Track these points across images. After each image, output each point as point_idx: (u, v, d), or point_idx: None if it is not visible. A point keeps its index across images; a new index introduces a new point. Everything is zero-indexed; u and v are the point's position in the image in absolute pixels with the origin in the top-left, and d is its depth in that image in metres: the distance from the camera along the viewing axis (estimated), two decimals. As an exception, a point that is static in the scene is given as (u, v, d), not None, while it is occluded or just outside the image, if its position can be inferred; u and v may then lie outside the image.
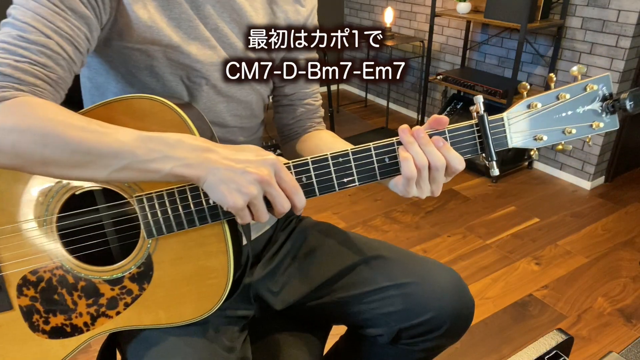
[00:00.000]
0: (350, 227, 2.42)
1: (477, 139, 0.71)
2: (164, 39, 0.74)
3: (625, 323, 1.85)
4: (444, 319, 0.86)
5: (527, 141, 0.72)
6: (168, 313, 0.76)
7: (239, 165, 0.64)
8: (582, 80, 0.72)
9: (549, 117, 0.71)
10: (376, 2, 3.88)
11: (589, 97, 0.72)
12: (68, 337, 0.76)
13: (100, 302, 0.75)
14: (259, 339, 0.96)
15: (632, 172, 3.00)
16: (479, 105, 0.71)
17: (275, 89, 0.95)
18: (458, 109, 3.18)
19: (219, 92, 0.82)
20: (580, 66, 0.72)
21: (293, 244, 0.98)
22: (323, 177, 0.71)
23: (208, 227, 0.73)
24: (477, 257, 2.23)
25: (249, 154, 0.65)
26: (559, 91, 0.71)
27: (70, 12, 0.65)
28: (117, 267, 0.74)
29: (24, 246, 0.73)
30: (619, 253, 2.25)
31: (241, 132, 0.89)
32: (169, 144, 0.63)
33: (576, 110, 0.72)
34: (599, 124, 0.72)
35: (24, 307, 0.75)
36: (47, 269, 0.74)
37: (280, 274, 0.95)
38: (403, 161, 0.69)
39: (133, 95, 0.70)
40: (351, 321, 0.96)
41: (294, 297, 0.93)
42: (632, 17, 2.40)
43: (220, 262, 0.74)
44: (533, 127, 0.72)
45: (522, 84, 0.74)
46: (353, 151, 0.70)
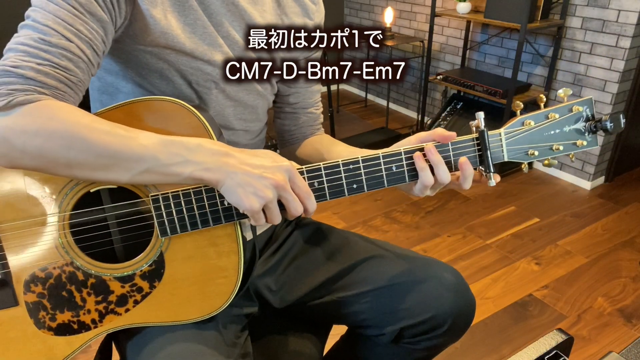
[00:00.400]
0: (350, 227, 2.42)
1: (476, 152, 0.77)
2: (177, 44, 0.75)
3: (625, 323, 1.85)
4: (445, 318, 0.86)
5: (520, 155, 0.79)
6: (176, 311, 0.77)
7: (256, 171, 0.66)
8: (568, 102, 0.78)
9: (540, 134, 0.78)
10: (376, 2, 3.88)
11: (574, 117, 0.78)
12: (74, 334, 0.77)
13: (110, 299, 0.76)
14: (259, 338, 0.96)
15: (632, 172, 3.00)
16: (480, 121, 0.76)
17: (279, 96, 0.96)
18: (458, 109, 3.18)
19: (227, 97, 0.84)
20: (565, 89, 0.78)
21: (293, 243, 0.98)
22: (334, 183, 0.74)
23: (220, 227, 0.74)
24: (477, 257, 2.23)
25: (266, 159, 0.68)
26: (549, 111, 0.78)
27: (89, 16, 0.66)
28: (129, 265, 0.75)
29: (35, 243, 0.73)
30: (619, 253, 2.25)
31: (245, 134, 0.90)
32: (189, 149, 0.65)
33: (563, 129, 0.79)
34: (582, 142, 0.79)
35: (30, 303, 0.75)
36: (56, 266, 0.74)
37: (280, 273, 0.95)
38: (421, 171, 0.74)
39: (153, 97, 0.71)
40: (352, 320, 0.96)
41: (293, 296, 0.93)
42: (632, 17, 2.40)
43: (232, 262, 0.76)
44: (526, 143, 0.78)
45: (540, 96, 0.79)
46: (363, 159, 0.74)
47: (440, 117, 3.20)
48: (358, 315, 0.92)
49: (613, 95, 2.57)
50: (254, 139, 0.93)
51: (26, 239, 0.73)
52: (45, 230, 0.73)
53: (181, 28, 0.75)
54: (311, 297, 0.93)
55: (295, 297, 0.93)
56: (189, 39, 0.75)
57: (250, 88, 0.86)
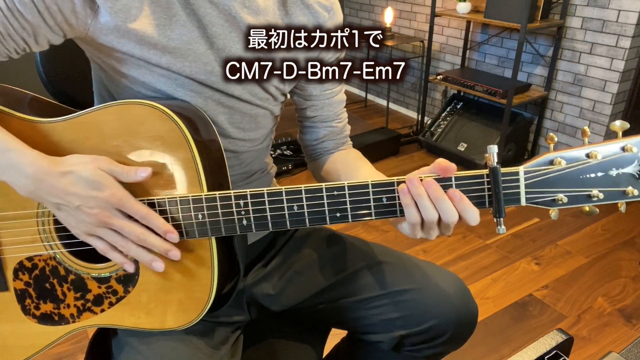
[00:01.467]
0: (350, 227, 2.42)
1: (486, 192, 0.65)
2: (162, 62, 0.72)
3: (625, 323, 1.85)
4: (447, 326, 0.84)
5: (544, 201, 0.64)
6: (150, 318, 0.76)
7: (72, 202, 0.66)
8: (620, 139, 0.62)
9: (574, 176, 0.63)
10: (376, 2, 3.88)
11: (626, 159, 0.62)
12: (55, 325, 0.79)
13: (87, 297, 0.77)
14: (256, 342, 0.95)
15: (632, 172, 3.00)
16: (493, 156, 0.63)
17: (297, 109, 0.93)
18: (458, 109, 3.18)
19: (219, 103, 0.79)
20: (623, 122, 0.62)
21: (292, 248, 0.96)
22: (315, 209, 0.68)
23: (196, 240, 0.72)
24: (477, 257, 2.23)
25: (77, 186, 0.66)
26: (590, 149, 0.62)
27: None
28: (105, 267, 0.75)
29: (23, 233, 0.76)
30: (619, 253, 2.25)
31: (244, 142, 0.85)
32: (8, 160, 0.66)
33: (608, 172, 0.62)
34: (633, 191, 0.63)
35: (18, 290, 0.78)
36: (41, 258, 0.77)
37: (278, 277, 0.93)
38: (405, 208, 0.66)
39: (131, 100, 0.69)
40: (352, 326, 0.94)
41: (292, 301, 0.92)
42: (632, 17, 2.40)
43: (206, 276, 0.73)
44: (553, 187, 0.63)
45: (549, 135, 0.65)
46: (349, 185, 0.67)
47: (440, 117, 3.20)
48: (358, 322, 0.90)
49: (613, 95, 2.57)
50: (257, 146, 0.89)
51: (16, 229, 0.75)
52: (32, 222, 0.75)
53: (165, 42, 0.71)
54: (311, 303, 0.92)
55: (294, 302, 0.92)
56: (173, 55, 0.72)
57: (245, 96, 0.81)
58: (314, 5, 0.82)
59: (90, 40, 0.71)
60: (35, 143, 0.68)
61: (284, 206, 0.68)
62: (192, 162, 0.69)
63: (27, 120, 0.71)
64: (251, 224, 0.70)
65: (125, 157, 0.69)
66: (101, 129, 0.69)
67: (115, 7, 0.67)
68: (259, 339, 0.95)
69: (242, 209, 0.69)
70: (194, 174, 0.69)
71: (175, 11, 0.71)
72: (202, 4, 0.72)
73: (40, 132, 0.71)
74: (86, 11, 0.67)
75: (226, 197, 0.69)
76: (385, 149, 3.17)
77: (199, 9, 0.72)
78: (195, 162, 0.68)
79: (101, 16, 0.67)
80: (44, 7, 0.65)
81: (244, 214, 0.69)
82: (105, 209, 0.66)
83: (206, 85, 0.76)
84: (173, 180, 0.70)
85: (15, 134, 0.68)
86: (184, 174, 0.69)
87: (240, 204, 0.69)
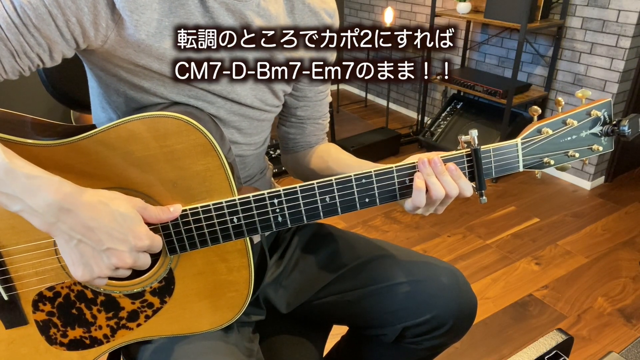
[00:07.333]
0: (350, 227, 2.42)
1: (466, 169, 0.75)
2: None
3: (625, 323, 1.85)
4: (447, 317, 0.86)
5: (536, 164, 0.77)
6: (188, 324, 0.77)
7: (100, 244, 0.61)
8: (586, 105, 0.75)
9: (556, 141, 0.76)
10: (376, 2, 3.88)
11: (592, 122, 0.76)
12: (87, 349, 0.77)
13: (121, 315, 0.76)
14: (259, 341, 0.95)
15: (632, 172, 3.00)
16: (474, 139, 0.74)
17: (287, 108, 0.94)
18: (458, 109, 3.18)
19: (230, 112, 0.81)
20: (584, 91, 0.75)
21: (296, 246, 0.98)
22: (346, 198, 0.73)
23: (230, 243, 0.73)
24: (477, 257, 2.23)
25: (115, 223, 0.61)
26: (567, 117, 0.75)
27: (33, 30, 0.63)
28: (138, 282, 0.74)
29: (43, 264, 0.71)
30: (619, 253, 2.25)
31: (249, 146, 0.88)
32: (25, 186, 0.59)
33: (580, 134, 0.76)
34: (598, 147, 0.77)
35: (40, 321, 0.74)
36: (64, 285, 0.73)
37: (285, 278, 0.95)
38: (416, 190, 0.72)
39: (158, 113, 0.67)
40: (354, 321, 0.96)
41: (298, 300, 0.93)
42: (632, 17, 2.40)
43: (242, 276, 0.75)
44: (542, 152, 0.76)
45: (557, 99, 0.77)
46: (376, 172, 0.73)
47: (440, 117, 3.20)
48: (361, 316, 0.92)
49: (613, 95, 2.57)
50: (259, 148, 0.91)
51: (31, 261, 0.71)
52: (49, 251, 0.71)
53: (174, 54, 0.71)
54: (314, 299, 0.93)
55: (300, 302, 0.93)
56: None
57: (255, 104, 0.82)
58: (321, 12, 0.85)
59: (103, 52, 0.70)
60: (53, 168, 0.63)
61: (316, 199, 0.72)
62: (222, 169, 0.69)
63: (39, 146, 0.66)
64: (287, 220, 0.72)
65: (154, 172, 0.68)
66: (127, 145, 0.67)
67: (141, 21, 0.66)
68: (261, 338, 0.96)
69: (277, 207, 0.71)
70: (223, 180, 0.70)
71: (197, 22, 0.72)
72: (221, 12, 0.73)
73: (57, 154, 0.66)
74: (107, 23, 0.66)
75: (260, 199, 0.70)
76: (385, 149, 3.17)
77: (218, 17, 0.73)
78: (225, 168, 0.70)
79: (124, 29, 0.67)
80: (62, 20, 0.63)
81: (278, 212, 0.71)
82: (132, 255, 0.63)
83: (220, 96, 0.78)
84: (204, 189, 0.70)
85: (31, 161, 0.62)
86: (214, 181, 0.70)
87: (274, 202, 0.71)
